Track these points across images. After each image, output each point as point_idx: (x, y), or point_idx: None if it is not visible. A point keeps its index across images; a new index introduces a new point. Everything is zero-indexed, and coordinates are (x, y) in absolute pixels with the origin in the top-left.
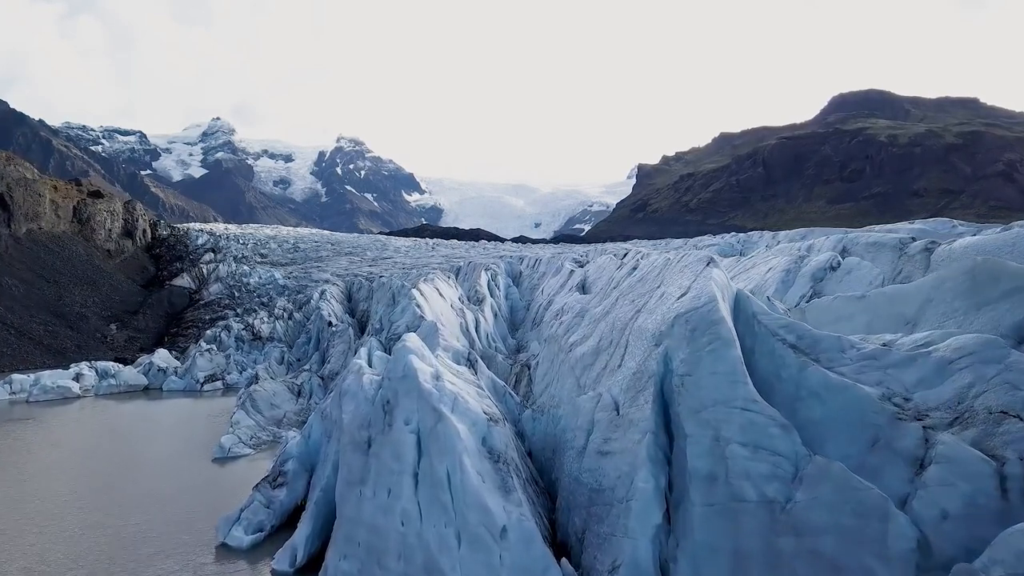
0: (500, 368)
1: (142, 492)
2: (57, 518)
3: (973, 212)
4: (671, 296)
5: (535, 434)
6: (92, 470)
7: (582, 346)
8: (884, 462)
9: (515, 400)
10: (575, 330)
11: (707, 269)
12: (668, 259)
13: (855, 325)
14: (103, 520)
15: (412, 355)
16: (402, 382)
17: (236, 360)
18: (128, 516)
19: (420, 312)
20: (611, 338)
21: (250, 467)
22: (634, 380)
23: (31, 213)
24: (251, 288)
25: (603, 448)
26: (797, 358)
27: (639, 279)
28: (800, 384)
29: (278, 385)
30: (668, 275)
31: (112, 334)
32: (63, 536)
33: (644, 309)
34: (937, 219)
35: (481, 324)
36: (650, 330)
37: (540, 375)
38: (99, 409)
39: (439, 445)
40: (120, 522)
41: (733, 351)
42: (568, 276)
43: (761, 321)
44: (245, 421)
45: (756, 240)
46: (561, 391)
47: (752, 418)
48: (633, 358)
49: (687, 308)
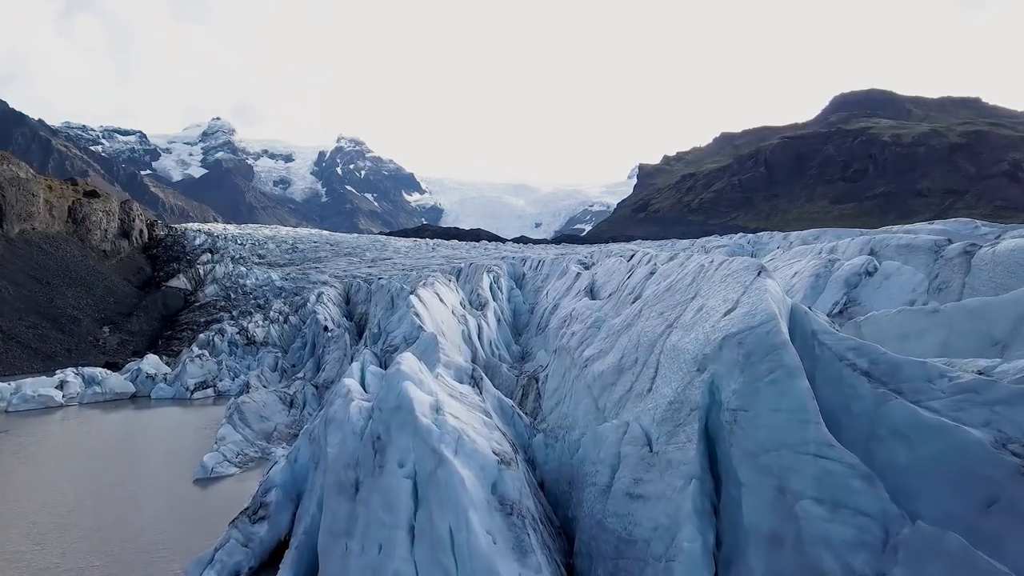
0: (505, 380)
1: (109, 523)
2: (8, 559)
3: (978, 212)
4: (714, 311)
5: (548, 463)
6: (58, 495)
7: (599, 362)
8: (1007, 529)
9: (524, 422)
10: (590, 342)
11: (759, 280)
12: (702, 265)
13: (927, 345)
14: (59, 563)
15: (407, 382)
16: (395, 414)
17: (229, 366)
18: (88, 557)
19: (419, 321)
20: (635, 356)
21: (235, 489)
22: (671, 411)
23: (24, 213)
24: (247, 290)
25: (633, 490)
26: (873, 389)
27: (667, 288)
28: (878, 421)
29: (269, 395)
30: (705, 285)
31: (104, 337)
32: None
33: (678, 324)
34: (958, 219)
35: (484, 330)
36: (689, 351)
37: (550, 390)
38: (81, 420)
39: (440, 496)
40: (79, 565)
41: (800, 383)
42: (574, 279)
43: (824, 342)
44: (231, 436)
45: (766, 241)
46: (575, 411)
47: (828, 467)
48: (667, 383)
49: (739, 328)
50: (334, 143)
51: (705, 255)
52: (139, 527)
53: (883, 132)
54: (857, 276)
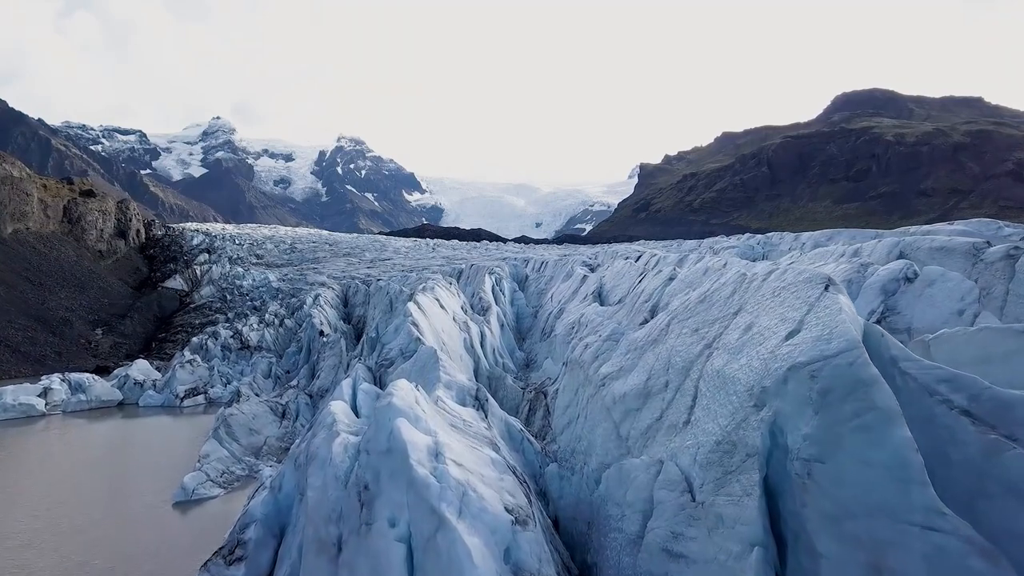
0: (510, 393)
1: (74, 562)
2: None
3: (983, 212)
4: (770, 332)
5: (563, 497)
6: (10, 524)
7: (620, 382)
8: None
9: (535, 448)
10: (606, 357)
11: (828, 296)
12: (743, 275)
13: (1016, 372)
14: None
15: (400, 419)
16: (386, 459)
17: (221, 371)
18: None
19: (417, 332)
20: (665, 378)
21: (218, 514)
22: (719, 453)
23: (17, 212)
24: (244, 291)
25: (672, 547)
26: (980, 434)
27: (700, 299)
28: (988, 475)
29: (259, 406)
30: (752, 299)
31: (97, 339)
32: None
33: (719, 345)
34: (980, 220)
35: (487, 338)
36: (741, 381)
37: (561, 406)
38: (62, 431)
39: (441, 569)
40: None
41: (899, 432)
42: (580, 282)
43: (908, 372)
44: (216, 453)
45: (777, 242)
46: (592, 435)
47: (940, 542)
48: (711, 417)
49: (810, 356)
50: (334, 142)
51: (713, 256)
52: (102, 568)
53: (886, 131)
54: (895, 282)
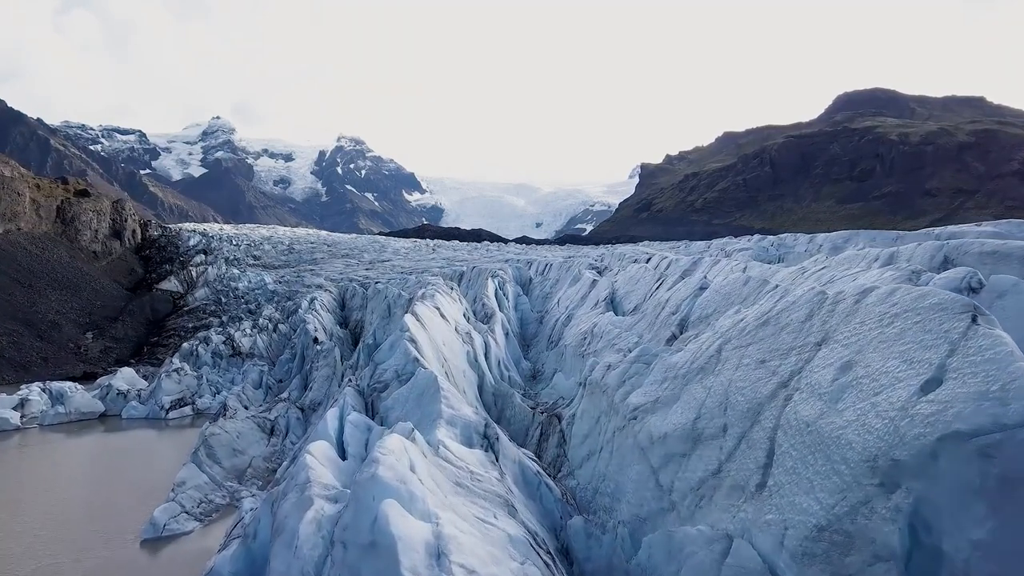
0: (519, 413)
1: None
2: None
3: (989, 212)
4: (890, 377)
5: (591, 560)
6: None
7: (658, 417)
8: None
9: (555, 495)
10: (637, 383)
11: (979, 330)
12: (823, 294)
13: None
14: None
15: (388, 500)
16: (369, 558)
17: (210, 380)
18: None
19: (415, 351)
20: (723, 421)
21: (191, 553)
22: (825, 544)
23: (9, 213)
24: (239, 293)
25: None
26: None
27: (763, 322)
28: None
29: (245, 423)
30: (845, 326)
31: (87, 344)
32: None
33: (802, 386)
34: (1011, 220)
35: (491, 348)
36: (853, 444)
37: (579, 435)
38: (35, 447)
39: None
40: None
41: None
42: (590, 287)
43: None
44: (193, 480)
45: (792, 244)
46: (621, 476)
47: None
48: (806, 488)
49: (976, 423)
50: (334, 142)
51: (727, 258)
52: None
53: (890, 131)
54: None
